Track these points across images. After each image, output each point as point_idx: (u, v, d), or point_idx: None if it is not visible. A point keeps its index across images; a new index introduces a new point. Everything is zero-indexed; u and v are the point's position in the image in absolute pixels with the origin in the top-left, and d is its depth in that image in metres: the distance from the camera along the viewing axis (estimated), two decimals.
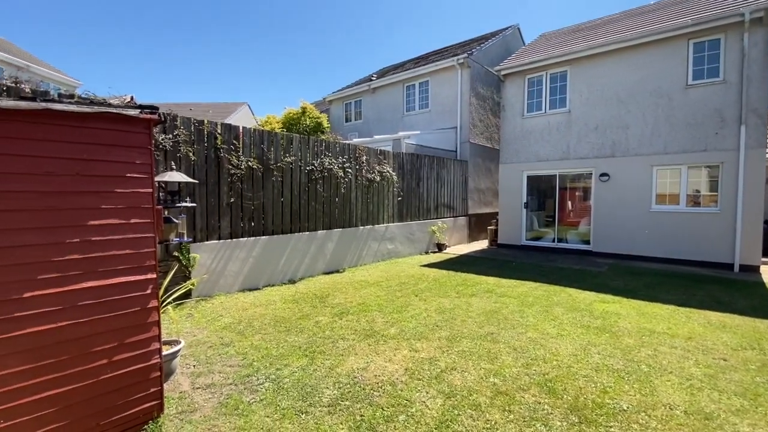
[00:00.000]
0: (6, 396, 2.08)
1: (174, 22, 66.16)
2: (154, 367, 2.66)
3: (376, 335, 4.40)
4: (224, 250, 6.19)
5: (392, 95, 15.54)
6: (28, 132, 2.17)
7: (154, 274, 2.62)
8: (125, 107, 2.47)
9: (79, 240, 2.30)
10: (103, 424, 2.44)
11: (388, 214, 9.49)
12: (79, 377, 2.32)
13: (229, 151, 6.24)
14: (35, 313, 2.17)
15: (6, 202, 2.08)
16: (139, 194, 2.53)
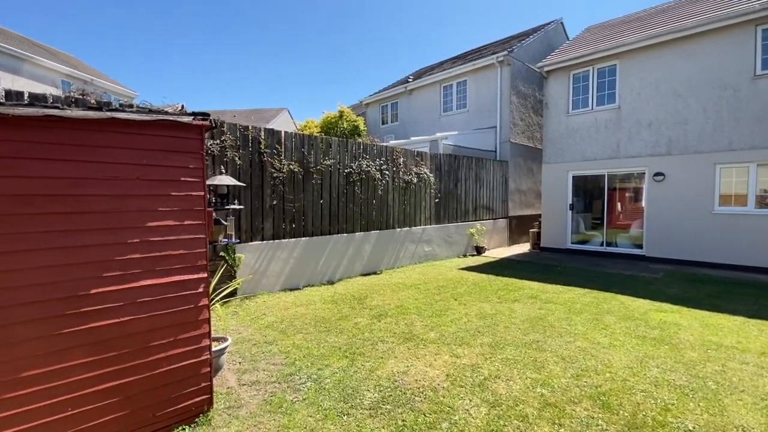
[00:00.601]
0: (75, 385, 2.24)
1: (218, 33, 69.70)
2: (205, 363, 2.77)
3: (415, 339, 4.35)
4: (267, 250, 6.39)
5: (429, 96, 15.43)
6: (95, 140, 2.34)
7: (205, 273, 2.73)
8: (180, 114, 2.60)
9: (139, 240, 2.45)
10: (158, 415, 2.57)
11: (425, 215, 9.40)
12: (139, 370, 2.46)
13: (272, 155, 6.45)
14: (100, 308, 2.33)
15: (77, 205, 2.25)
16: (192, 197, 2.66)
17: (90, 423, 2.30)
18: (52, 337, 2.17)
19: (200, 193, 2.71)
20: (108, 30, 50.75)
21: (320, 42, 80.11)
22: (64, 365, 2.21)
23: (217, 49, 73.89)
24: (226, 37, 71.67)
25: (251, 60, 76.48)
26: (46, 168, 2.17)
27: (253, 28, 71.57)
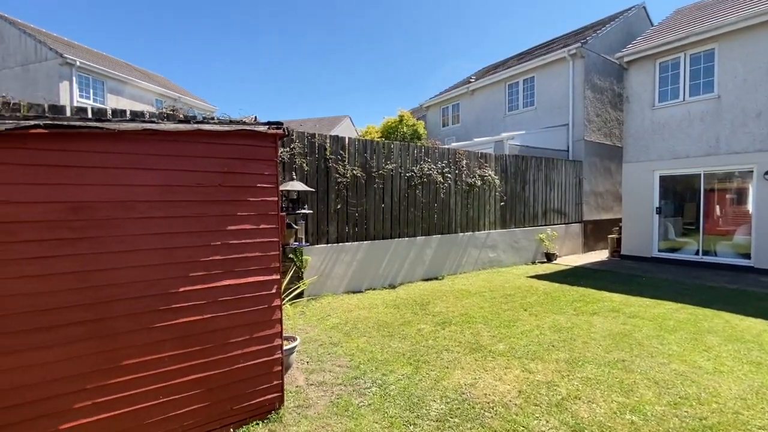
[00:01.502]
0: (166, 375, 2.44)
1: (284, 46, 74.20)
2: (277, 362, 2.88)
3: (482, 350, 4.14)
4: (331, 253, 6.57)
5: (493, 95, 14.89)
6: (184, 150, 2.55)
7: (278, 275, 2.84)
8: (256, 124, 2.74)
9: (220, 243, 2.62)
10: (235, 409, 2.71)
11: (489, 220, 9.03)
12: (220, 364, 2.62)
13: (336, 161, 6.63)
14: (187, 305, 2.52)
15: (169, 210, 2.46)
16: (267, 202, 2.79)
17: (178, 411, 2.49)
18: (147, 330, 2.39)
19: (274, 198, 2.83)
20: (192, 53, 56.77)
21: (380, 48, 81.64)
22: (157, 356, 2.42)
23: (283, 61, 78.68)
24: (290, 50, 76.07)
25: (315, 70, 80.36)
26: (145, 176, 2.40)
27: (317, 38, 75.08)
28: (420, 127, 14.84)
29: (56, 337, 2.12)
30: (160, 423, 2.43)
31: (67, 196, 2.17)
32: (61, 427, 2.14)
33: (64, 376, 2.15)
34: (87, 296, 2.20)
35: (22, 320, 2.05)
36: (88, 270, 2.21)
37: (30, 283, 2.06)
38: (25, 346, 2.05)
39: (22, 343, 2.04)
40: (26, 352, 2.05)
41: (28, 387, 2.06)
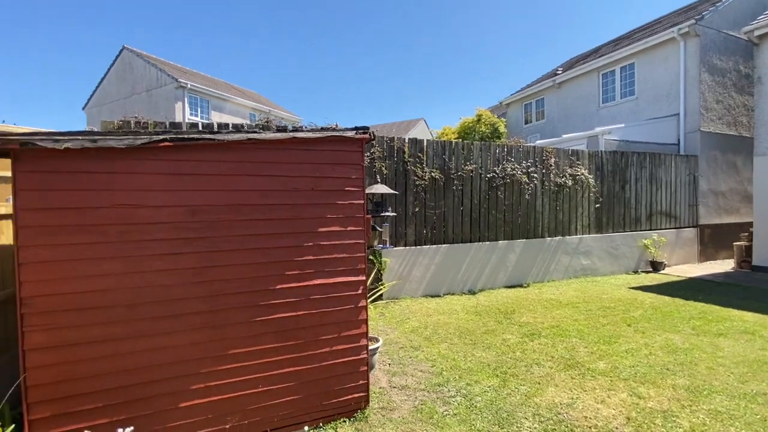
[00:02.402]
0: (265, 366, 2.63)
1: (360, 53, 76.94)
2: (363, 362, 2.93)
3: (579, 367, 3.76)
4: (409, 256, 6.57)
5: (583, 87, 13.63)
6: (280, 157, 2.73)
7: (364, 276, 2.90)
8: (344, 130, 2.84)
9: (312, 244, 2.75)
10: (324, 404, 2.82)
11: (582, 223, 8.24)
12: (311, 360, 2.75)
13: (415, 163, 6.62)
14: (283, 301, 2.69)
15: (268, 213, 2.66)
16: (354, 205, 2.86)
17: (274, 401, 2.66)
18: (250, 323, 2.60)
19: (360, 201, 2.90)
20: (274, 66, 61.97)
21: (453, 46, 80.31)
22: (258, 348, 2.62)
23: (357, 67, 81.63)
24: (365, 56, 78.61)
25: (388, 74, 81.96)
26: (248, 182, 2.63)
27: (390, 42, 76.55)
28: (500, 125, 14.21)
29: (179, 324, 2.41)
30: (260, 410, 2.62)
31: (186, 201, 2.46)
32: (180, 405, 2.43)
33: (184, 359, 2.43)
34: (203, 289, 2.47)
35: (155, 308, 2.37)
36: (204, 266, 2.48)
37: (160, 276, 2.38)
38: (157, 331, 2.37)
39: (155, 328, 2.36)
40: (157, 336, 2.37)
41: (158, 366, 2.37)
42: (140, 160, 2.36)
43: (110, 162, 2.29)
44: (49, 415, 2.15)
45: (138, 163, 2.36)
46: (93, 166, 2.26)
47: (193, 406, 2.46)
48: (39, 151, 2.12)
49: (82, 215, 2.23)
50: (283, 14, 60.58)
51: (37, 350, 2.13)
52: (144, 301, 2.34)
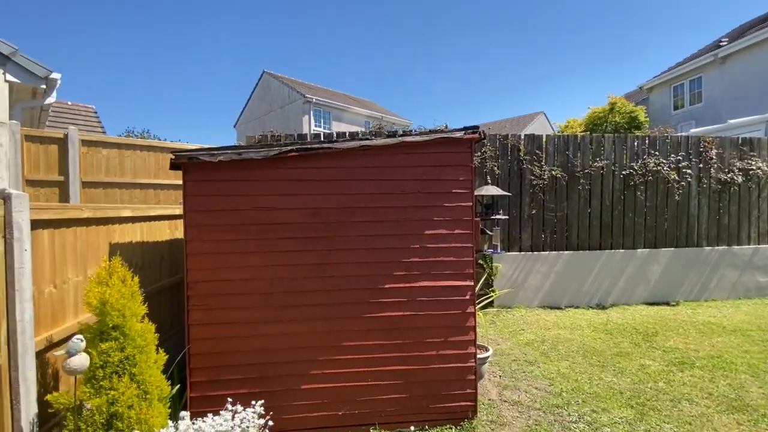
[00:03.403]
0: (374, 361, 2.75)
1: (474, 49, 74.72)
2: (470, 370, 2.82)
3: (749, 411, 2.96)
4: (524, 262, 6.10)
5: (759, 60, 10.75)
6: (389, 161, 2.82)
7: (472, 281, 2.79)
8: (452, 131, 2.78)
9: (419, 246, 2.77)
10: (430, 408, 2.80)
11: (758, 230, 6.49)
12: (417, 361, 2.77)
13: (531, 161, 6.12)
14: (391, 301, 2.77)
15: (379, 215, 2.77)
16: (461, 208, 2.79)
17: (382, 396, 2.76)
18: (361, 318, 2.75)
19: (469, 203, 2.80)
20: (392, 73, 64.51)
21: (578, 29, 71.83)
22: (367, 343, 2.75)
23: (470, 63, 79.27)
24: (476, 51, 75.92)
25: (504, 68, 77.57)
26: (360, 186, 2.79)
27: (508, 33, 72.44)
28: (639, 113, 12.17)
29: (303, 314, 2.70)
30: (368, 403, 2.75)
31: (309, 204, 2.74)
32: (302, 386, 2.71)
33: (306, 346, 2.70)
34: (322, 284, 2.72)
35: (284, 298, 2.69)
36: (323, 263, 2.72)
37: (288, 270, 2.69)
38: (285, 318, 2.68)
39: (284, 316, 2.68)
40: (285, 322, 2.68)
41: (285, 350, 2.69)
42: (273, 169, 2.71)
43: (251, 171, 2.69)
44: (205, 380, 2.63)
45: (271, 172, 2.71)
46: (238, 175, 2.69)
47: (312, 390, 2.71)
48: (200, 164, 2.61)
49: (230, 216, 2.67)
50: (399, 21, 63.02)
51: (197, 325, 2.63)
52: (276, 290, 2.68)
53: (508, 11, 66.19)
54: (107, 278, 1.97)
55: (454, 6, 62.17)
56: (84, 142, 5.23)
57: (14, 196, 1.75)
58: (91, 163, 5.26)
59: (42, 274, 2.00)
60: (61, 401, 1.85)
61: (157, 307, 2.95)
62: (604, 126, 12.35)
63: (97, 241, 2.51)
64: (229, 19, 66.03)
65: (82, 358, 1.77)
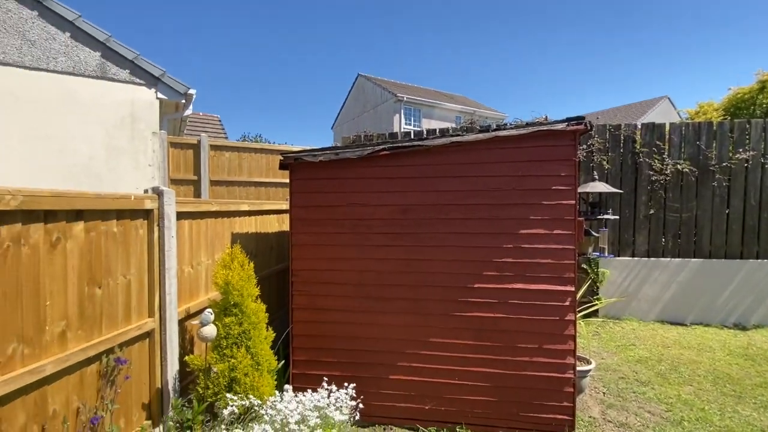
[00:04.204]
0: (461, 360, 2.72)
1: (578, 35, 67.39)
2: (568, 382, 2.61)
3: None
4: (638, 269, 5.36)
5: None
6: (482, 157, 2.74)
7: (572, 286, 2.57)
8: (553, 123, 2.58)
9: (512, 246, 2.65)
10: (521, 416, 2.66)
11: None
12: (507, 365, 2.66)
13: (650, 154, 5.34)
14: (480, 301, 2.70)
15: (468, 213, 2.72)
16: (562, 206, 2.57)
17: (469, 396, 2.71)
18: (449, 316, 2.74)
19: (571, 201, 2.58)
20: (486, 68, 61.85)
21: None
22: (455, 341, 2.72)
23: (574, 52, 71.58)
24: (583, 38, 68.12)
25: (618, 48, 68.36)
26: (450, 183, 2.76)
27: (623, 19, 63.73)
28: None
29: (391, 306, 2.79)
30: (455, 401, 2.73)
31: (399, 200, 2.81)
32: (390, 376, 2.81)
33: (394, 338, 2.80)
34: (410, 279, 2.77)
35: (374, 290, 2.82)
36: (410, 258, 2.78)
37: (378, 263, 2.81)
38: (374, 309, 2.81)
39: (374, 307, 2.81)
40: (375, 313, 2.81)
41: (375, 340, 2.82)
42: (366, 167, 2.85)
43: (346, 170, 2.87)
44: (304, 359, 2.90)
45: (365, 170, 2.86)
46: (336, 174, 2.88)
47: (399, 381, 2.80)
48: (304, 164, 2.87)
49: (329, 211, 2.89)
50: (497, 14, 60.29)
51: (299, 309, 2.91)
52: (366, 282, 2.83)
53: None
54: (230, 262, 2.31)
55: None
56: (212, 146, 6.14)
57: (165, 192, 2.16)
58: (216, 165, 6.16)
59: (183, 257, 2.43)
60: (195, 363, 2.23)
61: (267, 291, 3.33)
62: (751, 110, 10.13)
63: (222, 231, 2.95)
64: (329, 25, 70.67)
65: (212, 329, 2.11)
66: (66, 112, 4.61)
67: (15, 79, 4.36)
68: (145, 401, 2.12)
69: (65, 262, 1.64)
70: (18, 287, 1.45)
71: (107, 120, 4.85)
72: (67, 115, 4.62)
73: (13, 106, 4.34)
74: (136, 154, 5.00)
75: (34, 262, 1.51)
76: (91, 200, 1.73)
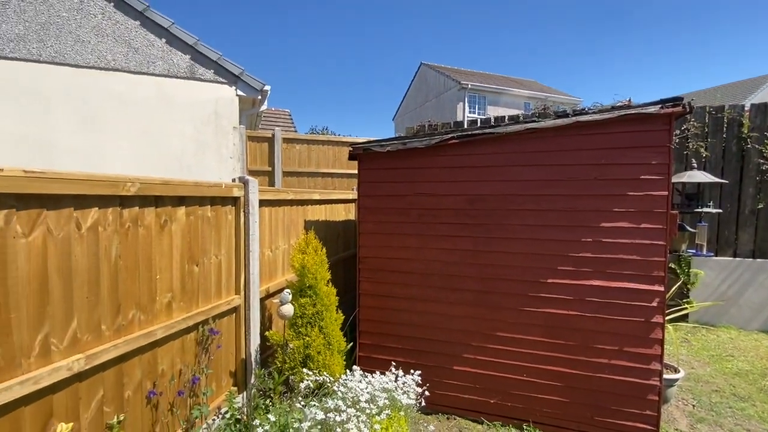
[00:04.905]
0: (531, 357, 2.62)
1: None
2: (652, 389, 2.39)
3: None
4: (741, 270, 4.70)
5: None
6: (558, 145, 2.57)
7: (661, 286, 2.34)
8: (645, 105, 2.34)
9: (591, 240, 2.47)
10: (596, 420, 2.51)
11: None
12: (582, 366, 2.51)
13: (762, 139, 4.61)
14: (553, 297, 2.57)
15: (542, 204, 2.58)
16: (652, 197, 2.34)
17: (537, 394, 2.61)
18: (517, 311, 2.65)
19: (662, 192, 2.33)
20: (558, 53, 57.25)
21: None
22: (524, 337, 2.63)
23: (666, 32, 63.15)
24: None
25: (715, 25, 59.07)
26: (521, 172, 2.64)
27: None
28: None
29: (457, 297, 2.77)
30: (522, 398, 2.65)
31: (467, 190, 2.76)
32: (453, 366, 2.80)
33: (459, 329, 2.78)
34: (477, 271, 2.72)
35: (439, 280, 2.82)
36: (478, 250, 2.72)
37: (443, 253, 2.80)
38: (440, 299, 2.81)
39: (438, 297, 2.82)
40: (440, 303, 2.81)
41: (439, 329, 2.82)
42: (433, 157, 2.83)
43: (413, 159, 2.88)
44: (370, 343, 3.00)
45: (432, 159, 2.84)
46: (403, 163, 2.91)
47: (464, 372, 2.78)
48: (372, 154, 2.93)
49: (395, 200, 2.93)
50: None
51: (365, 295, 3.01)
52: (432, 272, 2.83)
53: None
54: (305, 247, 2.46)
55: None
56: (284, 139, 6.51)
57: (250, 181, 2.35)
58: (288, 156, 6.52)
59: (263, 241, 2.63)
60: (274, 338, 2.42)
61: (334, 276, 3.49)
62: None
63: (297, 218, 3.14)
64: (390, 18, 70.33)
65: (290, 308, 2.27)
66: (162, 111, 5.19)
67: (123, 83, 5.00)
68: (232, 369, 2.36)
69: (171, 242, 1.87)
70: (136, 262, 1.69)
71: (196, 117, 5.36)
72: (163, 114, 5.20)
73: (122, 108, 4.98)
74: (219, 148, 5.48)
75: (147, 241, 1.75)
76: (191, 188, 1.94)
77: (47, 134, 4.62)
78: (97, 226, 1.51)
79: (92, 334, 1.49)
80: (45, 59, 4.67)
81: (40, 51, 4.65)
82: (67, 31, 4.77)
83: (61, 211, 1.37)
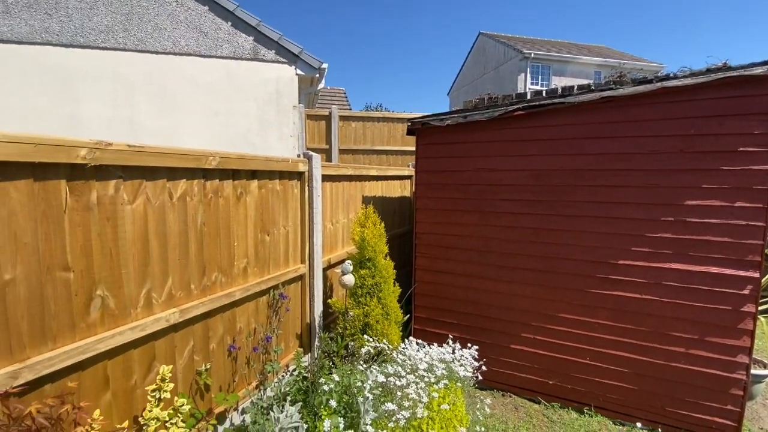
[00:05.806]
0: (595, 341, 2.51)
1: None
2: (736, 383, 2.19)
3: None
4: None
5: None
6: (636, 114, 2.34)
7: (756, 272, 2.09)
8: (748, 67, 2.04)
9: (672, 219, 2.26)
10: (667, 410, 2.37)
11: None
12: (654, 353, 2.36)
13: None
14: (624, 279, 2.41)
15: (616, 179, 2.39)
16: (752, 172, 2.07)
17: (601, 379, 2.51)
18: (582, 292, 2.53)
19: (764, 167, 2.05)
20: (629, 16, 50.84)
21: None
22: (589, 320, 2.52)
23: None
24: None
25: None
26: (594, 145, 2.46)
27: None
28: None
29: (517, 276, 2.71)
30: (584, 382, 2.56)
31: (531, 165, 2.63)
32: (511, 345, 2.77)
33: (518, 308, 2.73)
34: (539, 249, 2.63)
35: (498, 258, 2.76)
36: (542, 228, 2.61)
37: (503, 231, 2.73)
38: (498, 277, 2.77)
39: (497, 275, 2.77)
40: (498, 281, 2.77)
41: (497, 308, 2.79)
42: (495, 130, 2.73)
43: (474, 133, 2.79)
44: (425, 317, 3.05)
45: (493, 133, 2.74)
46: (462, 138, 2.83)
47: (521, 351, 2.74)
48: (431, 129, 2.89)
49: (454, 176, 2.88)
50: None
51: (422, 270, 3.04)
52: (491, 249, 2.78)
53: None
54: (365, 221, 2.53)
55: None
56: (340, 117, 6.62)
57: (314, 156, 2.44)
58: (344, 134, 6.64)
59: (325, 214, 2.75)
60: (336, 306, 2.56)
61: (390, 251, 3.56)
62: None
63: (355, 193, 3.22)
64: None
65: (351, 278, 2.38)
66: (229, 92, 5.50)
67: (195, 66, 5.35)
68: (298, 332, 2.55)
69: (246, 212, 2.03)
70: (217, 229, 1.86)
71: (259, 97, 5.61)
72: (230, 95, 5.51)
73: (195, 90, 5.36)
74: (280, 126, 5.72)
75: (226, 210, 1.91)
76: (262, 162, 2.07)
77: (134, 116, 5.14)
78: (186, 196, 1.67)
79: (183, 291, 1.69)
80: (129, 47, 5.12)
81: (126, 40, 5.11)
82: (147, 19, 5.17)
83: (156, 182, 1.54)
